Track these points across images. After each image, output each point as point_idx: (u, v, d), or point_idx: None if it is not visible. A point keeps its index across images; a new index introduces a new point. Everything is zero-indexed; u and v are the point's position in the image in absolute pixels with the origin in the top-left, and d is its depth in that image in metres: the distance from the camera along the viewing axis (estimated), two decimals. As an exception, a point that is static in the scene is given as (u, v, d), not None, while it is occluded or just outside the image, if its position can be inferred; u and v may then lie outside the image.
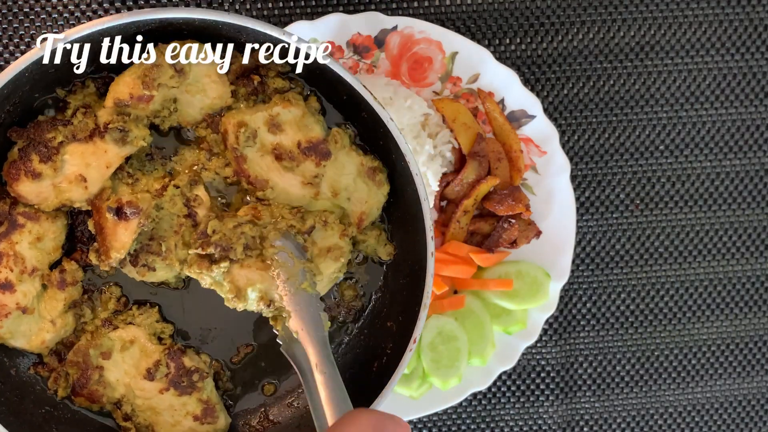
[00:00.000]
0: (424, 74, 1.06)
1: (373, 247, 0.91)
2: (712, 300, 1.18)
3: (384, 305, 0.92)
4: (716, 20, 1.12)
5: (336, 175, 0.86)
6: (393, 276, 0.92)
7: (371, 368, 0.88)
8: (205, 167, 0.87)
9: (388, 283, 0.92)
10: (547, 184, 1.08)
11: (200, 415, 0.90)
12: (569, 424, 1.19)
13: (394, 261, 0.92)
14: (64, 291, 0.87)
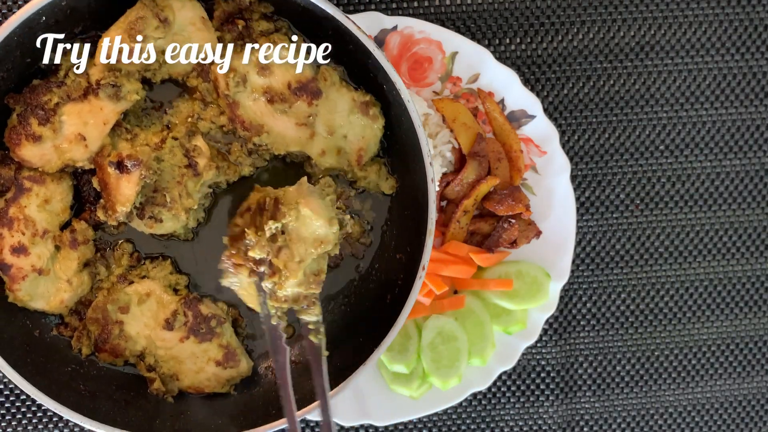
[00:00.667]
0: (424, 74, 1.06)
1: (375, 182, 0.92)
2: (712, 300, 1.18)
3: (392, 238, 0.93)
4: (716, 20, 1.12)
5: (329, 114, 0.87)
6: (397, 208, 0.93)
7: (385, 300, 0.90)
8: (201, 117, 0.88)
9: (393, 217, 0.94)
10: (547, 184, 1.08)
11: (222, 360, 0.92)
12: (569, 424, 1.19)
13: (398, 194, 0.93)
14: (76, 250, 0.89)
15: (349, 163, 0.90)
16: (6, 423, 1.12)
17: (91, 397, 0.89)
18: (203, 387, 0.93)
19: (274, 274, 0.81)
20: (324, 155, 0.89)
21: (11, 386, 1.12)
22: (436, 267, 1.07)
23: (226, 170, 0.90)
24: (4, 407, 1.12)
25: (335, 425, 0.81)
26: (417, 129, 0.83)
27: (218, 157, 0.89)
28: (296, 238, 0.80)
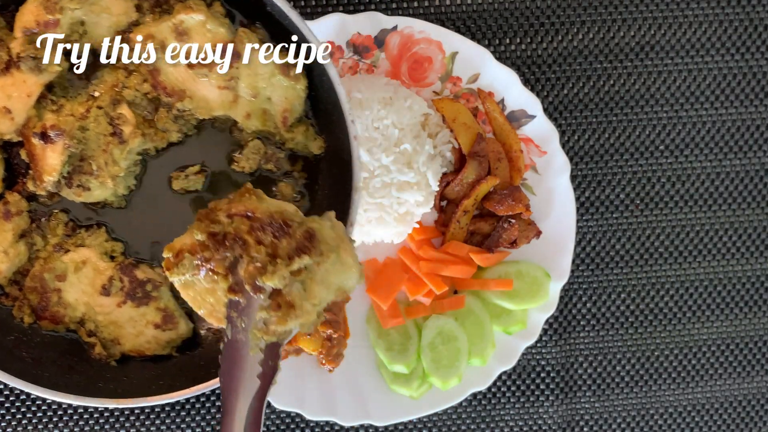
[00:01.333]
0: (424, 74, 1.06)
1: (303, 143, 0.92)
2: (712, 300, 1.18)
3: (324, 198, 0.94)
4: (716, 20, 1.12)
5: (251, 76, 0.88)
6: (327, 169, 0.93)
7: None
8: (126, 86, 0.89)
9: (323, 176, 0.94)
10: (547, 184, 1.08)
11: (160, 323, 0.94)
12: (569, 424, 1.19)
13: (326, 154, 0.93)
14: (10, 222, 0.90)
15: (276, 125, 0.91)
16: (6, 423, 1.12)
17: (35, 364, 0.91)
18: (144, 350, 0.95)
19: (279, 309, 0.70)
20: (249, 118, 0.90)
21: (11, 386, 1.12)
22: (436, 267, 1.07)
23: (153, 137, 0.90)
24: (3, 407, 1.12)
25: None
26: (336, 87, 0.83)
27: (144, 124, 0.90)
28: (320, 280, 0.72)
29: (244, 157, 0.91)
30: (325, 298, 0.72)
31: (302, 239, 0.71)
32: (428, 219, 1.10)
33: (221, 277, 0.72)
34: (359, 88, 1.02)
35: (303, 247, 0.70)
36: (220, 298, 0.73)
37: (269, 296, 0.70)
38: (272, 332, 0.71)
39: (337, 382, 1.09)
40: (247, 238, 0.71)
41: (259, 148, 0.92)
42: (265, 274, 0.70)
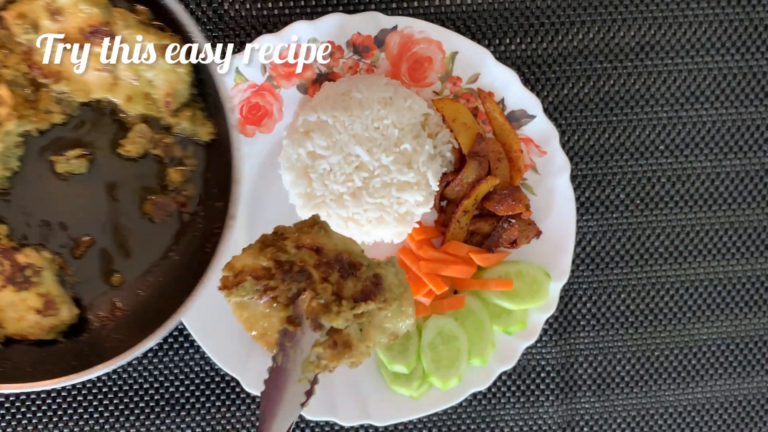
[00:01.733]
0: (424, 74, 1.06)
1: (191, 128, 0.91)
2: (712, 300, 1.18)
3: (213, 186, 0.93)
4: (716, 20, 1.12)
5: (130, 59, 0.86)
6: (216, 155, 0.92)
7: (204, 249, 0.90)
8: (5, 65, 0.87)
9: (213, 164, 0.93)
10: (547, 184, 1.08)
11: (42, 309, 0.93)
12: (569, 424, 1.19)
13: (216, 140, 0.92)
14: None
15: (159, 109, 0.89)
16: (6, 423, 1.13)
17: None
18: (27, 334, 0.94)
19: (335, 347, 0.71)
20: (131, 102, 0.88)
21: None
22: (436, 267, 1.07)
23: (33, 118, 0.89)
24: (3, 407, 1.12)
25: None
26: (213, 75, 0.82)
27: (25, 104, 0.88)
28: (377, 324, 0.74)
29: (130, 140, 0.90)
30: (379, 340, 0.73)
31: (370, 284, 0.72)
32: (428, 219, 1.10)
33: (282, 306, 0.72)
34: (359, 88, 1.02)
35: (369, 292, 0.71)
36: (274, 324, 0.73)
37: (326, 332, 0.71)
38: (323, 366, 0.73)
39: (337, 382, 1.09)
40: (314, 272, 0.71)
41: (144, 132, 0.90)
42: (330, 314, 0.70)
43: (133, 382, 1.13)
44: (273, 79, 1.05)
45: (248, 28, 1.07)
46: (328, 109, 1.01)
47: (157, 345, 1.12)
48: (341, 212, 1.02)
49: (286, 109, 1.06)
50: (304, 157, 1.02)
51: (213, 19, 1.07)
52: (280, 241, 0.74)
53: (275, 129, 1.07)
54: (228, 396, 1.14)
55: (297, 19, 1.05)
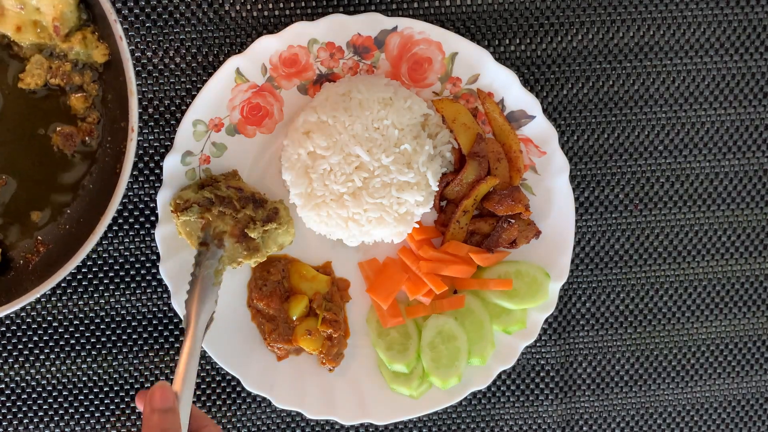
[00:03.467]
0: (423, 75, 1.06)
1: (86, 52, 0.91)
2: (712, 300, 1.18)
3: (115, 108, 0.94)
4: (716, 21, 1.12)
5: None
6: (113, 76, 0.93)
7: (115, 171, 0.92)
8: None
9: (112, 85, 0.94)
10: (546, 185, 1.08)
11: None
12: (568, 423, 1.19)
13: (111, 61, 0.92)
14: None
15: (51, 35, 0.89)
16: (7, 422, 1.13)
17: None
18: None
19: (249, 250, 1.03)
20: (21, 32, 0.88)
21: (12, 386, 1.12)
22: (436, 267, 1.07)
23: None
24: (5, 406, 1.13)
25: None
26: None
27: None
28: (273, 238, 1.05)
29: (28, 73, 0.90)
30: (273, 248, 1.06)
31: (271, 212, 1.04)
32: (428, 219, 1.11)
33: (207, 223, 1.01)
34: (359, 88, 1.02)
35: (271, 218, 1.04)
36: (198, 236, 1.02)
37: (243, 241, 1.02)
38: (238, 263, 1.03)
39: (337, 381, 1.10)
40: (236, 204, 1.02)
41: (41, 62, 0.90)
42: (250, 229, 1.02)
43: (134, 381, 1.13)
44: (273, 79, 1.05)
45: (248, 29, 1.07)
46: (328, 109, 1.02)
47: (157, 344, 1.13)
48: (341, 212, 1.02)
49: (286, 109, 1.07)
50: (305, 157, 1.03)
51: (213, 19, 1.07)
52: (214, 182, 1.04)
53: (275, 129, 1.07)
54: (228, 395, 1.15)
55: (297, 20, 1.05)
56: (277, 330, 1.08)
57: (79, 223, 0.97)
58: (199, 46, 1.07)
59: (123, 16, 1.06)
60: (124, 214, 1.10)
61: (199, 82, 1.08)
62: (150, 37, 1.07)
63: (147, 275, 1.12)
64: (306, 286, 1.09)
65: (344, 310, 1.11)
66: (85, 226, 0.93)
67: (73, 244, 0.92)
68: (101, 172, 0.96)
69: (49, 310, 1.11)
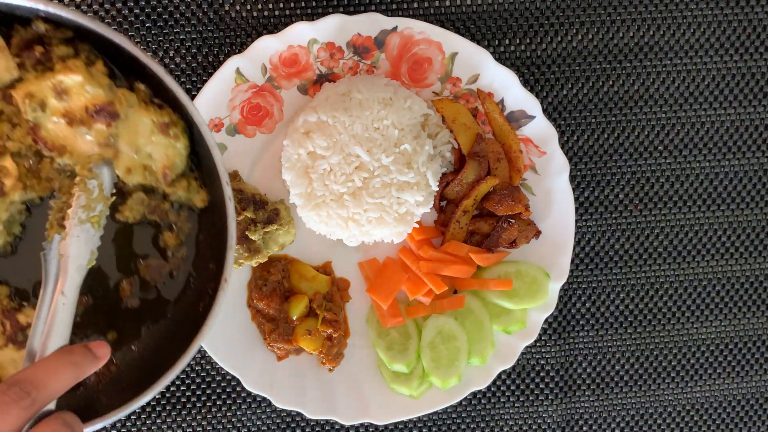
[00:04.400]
0: (423, 75, 1.06)
1: (186, 196, 0.94)
2: (712, 300, 1.18)
3: (206, 248, 0.96)
4: (716, 21, 1.12)
5: (131, 134, 0.90)
6: (210, 220, 0.95)
7: (198, 309, 0.92)
8: (10, 138, 0.90)
9: (206, 227, 0.96)
10: (546, 185, 1.08)
11: None
12: (568, 423, 1.19)
13: (210, 206, 0.95)
14: None
15: (156, 179, 0.93)
16: (8, 422, 1.13)
17: None
18: None
19: (249, 251, 1.08)
20: (130, 173, 0.92)
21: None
22: (436, 267, 1.07)
23: (36, 187, 0.92)
24: (6, 406, 1.13)
25: None
26: (212, 150, 0.86)
27: (28, 174, 0.91)
28: (274, 239, 1.08)
29: (128, 207, 0.93)
30: (274, 248, 1.06)
31: (272, 214, 1.05)
32: (428, 219, 1.11)
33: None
34: (359, 88, 1.02)
35: (272, 219, 1.04)
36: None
37: (244, 243, 1.04)
38: (239, 264, 1.06)
39: (337, 381, 1.10)
40: (237, 206, 1.02)
41: (142, 200, 0.93)
42: (251, 231, 1.04)
43: None
44: (273, 79, 1.05)
45: (249, 29, 1.07)
46: (328, 109, 1.02)
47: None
48: (341, 212, 1.02)
49: (286, 109, 1.07)
50: (305, 157, 1.03)
51: (214, 20, 1.07)
52: None
53: (275, 129, 1.07)
54: (228, 395, 1.15)
55: (297, 20, 1.05)
56: (277, 330, 1.08)
57: (154, 351, 0.97)
58: (199, 46, 1.07)
59: (123, 16, 1.06)
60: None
61: (199, 82, 1.08)
62: (150, 37, 1.07)
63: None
64: (306, 286, 1.10)
65: (344, 310, 1.11)
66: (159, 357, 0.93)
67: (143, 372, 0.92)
68: (182, 305, 0.97)
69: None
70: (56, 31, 0.88)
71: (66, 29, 0.88)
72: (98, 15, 1.06)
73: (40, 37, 0.89)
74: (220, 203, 0.90)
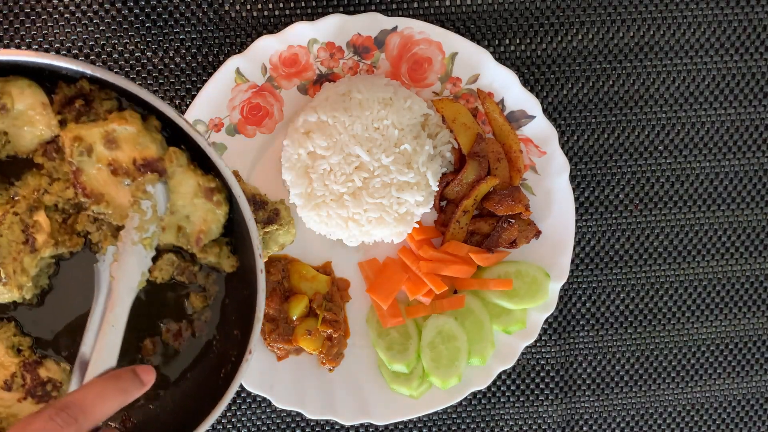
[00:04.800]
0: (423, 75, 1.06)
1: (216, 261, 0.94)
2: (712, 300, 1.18)
3: (232, 313, 0.95)
4: (716, 20, 1.12)
5: (173, 193, 0.89)
6: (238, 286, 0.94)
7: (219, 374, 0.92)
8: (48, 191, 0.89)
9: (233, 293, 0.95)
10: (546, 185, 1.08)
11: None
12: (568, 423, 1.19)
13: (239, 272, 0.94)
14: None
15: (189, 242, 0.92)
16: (8, 422, 1.13)
17: None
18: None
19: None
20: (164, 232, 0.91)
21: (13, 385, 1.13)
22: (436, 267, 1.07)
23: (67, 242, 0.91)
24: (6, 406, 1.13)
25: None
26: (248, 221, 0.85)
27: (60, 230, 0.90)
28: (275, 239, 1.01)
29: (157, 267, 0.92)
30: (274, 248, 1.02)
31: (272, 214, 0.99)
32: (428, 219, 1.11)
33: None
34: (359, 88, 1.02)
35: (272, 219, 0.99)
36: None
37: None
38: None
39: (337, 381, 1.10)
40: None
41: (173, 261, 0.92)
42: None
43: (134, 381, 1.13)
44: (273, 79, 1.05)
45: (248, 29, 1.07)
46: (328, 109, 1.02)
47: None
48: (341, 212, 1.02)
49: (286, 109, 1.07)
50: (305, 157, 1.03)
51: (214, 20, 1.07)
52: None
53: (275, 129, 1.07)
54: (229, 395, 1.15)
55: (297, 20, 1.05)
56: (277, 330, 1.08)
57: (171, 412, 0.95)
58: (199, 46, 1.07)
59: (123, 15, 1.06)
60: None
61: (199, 82, 1.08)
62: (150, 37, 1.07)
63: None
64: (306, 286, 1.10)
65: (344, 310, 1.11)
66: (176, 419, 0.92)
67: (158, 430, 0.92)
68: (203, 368, 0.96)
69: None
70: (100, 91, 0.88)
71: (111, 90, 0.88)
72: (98, 15, 1.06)
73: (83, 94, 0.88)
74: (250, 271, 0.89)
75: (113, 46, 1.06)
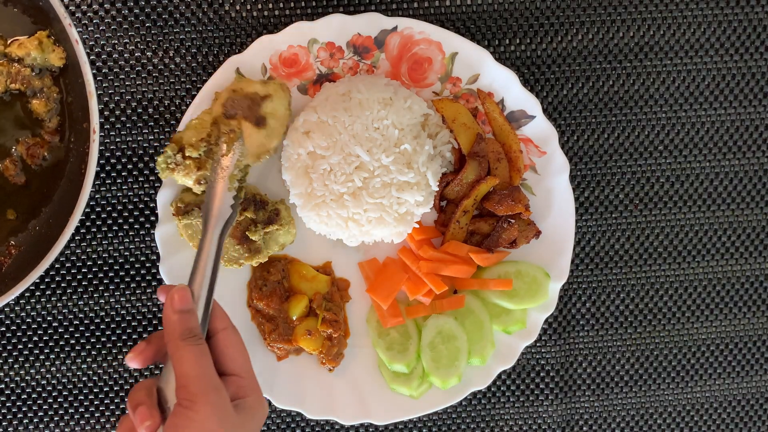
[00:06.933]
0: (423, 74, 1.06)
1: (43, 56, 0.95)
2: (712, 300, 1.18)
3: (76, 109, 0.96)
4: (716, 20, 1.12)
5: None
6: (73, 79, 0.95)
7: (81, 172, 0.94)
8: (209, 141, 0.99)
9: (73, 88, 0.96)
10: (546, 184, 1.08)
11: None
12: (568, 423, 1.19)
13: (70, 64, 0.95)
14: None
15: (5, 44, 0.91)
16: (7, 422, 1.13)
17: None
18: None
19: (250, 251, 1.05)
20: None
21: (11, 386, 1.12)
22: (436, 267, 1.07)
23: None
24: (5, 407, 1.13)
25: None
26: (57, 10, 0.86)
27: None
28: (275, 238, 1.06)
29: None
30: (274, 248, 1.06)
31: (272, 214, 1.05)
32: (428, 219, 1.11)
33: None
34: (359, 88, 1.02)
35: (272, 219, 1.05)
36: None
37: (244, 243, 1.04)
38: (240, 264, 1.05)
39: (337, 381, 1.10)
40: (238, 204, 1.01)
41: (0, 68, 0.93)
42: (251, 232, 1.03)
43: (133, 381, 1.13)
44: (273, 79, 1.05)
45: (248, 29, 1.07)
46: (328, 109, 1.02)
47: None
48: (341, 212, 1.02)
49: (286, 109, 1.07)
50: (305, 157, 1.03)
51: (213, 20, 1.07)
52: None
53: (275, 129, 1.07)
54: (229, 395, 1.15)
55: (297, 20, 1.05)
56: (277, 330, 1.08)
57: (50, 224, 0.98)
58: (199, 46, 1.07)
59: (123, 16, 1.06)
60: (124, 214, 1.10)
61: (199, 82, 1.08)
62: (150, 37, 1.07)
63: (147, 275, 1.12)
64: (306, 286, 1.09)
65: (344, 310, 1.11)
66: (56, 228, 0.94)
67: (44, 246, 0.94)
68: (69, 174, 0.99)
69: (48, 310, 1.11)
70: None
71: None
72: (98, 15, 1.06)
73: None
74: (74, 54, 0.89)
75: (113, 46, 1.06)
